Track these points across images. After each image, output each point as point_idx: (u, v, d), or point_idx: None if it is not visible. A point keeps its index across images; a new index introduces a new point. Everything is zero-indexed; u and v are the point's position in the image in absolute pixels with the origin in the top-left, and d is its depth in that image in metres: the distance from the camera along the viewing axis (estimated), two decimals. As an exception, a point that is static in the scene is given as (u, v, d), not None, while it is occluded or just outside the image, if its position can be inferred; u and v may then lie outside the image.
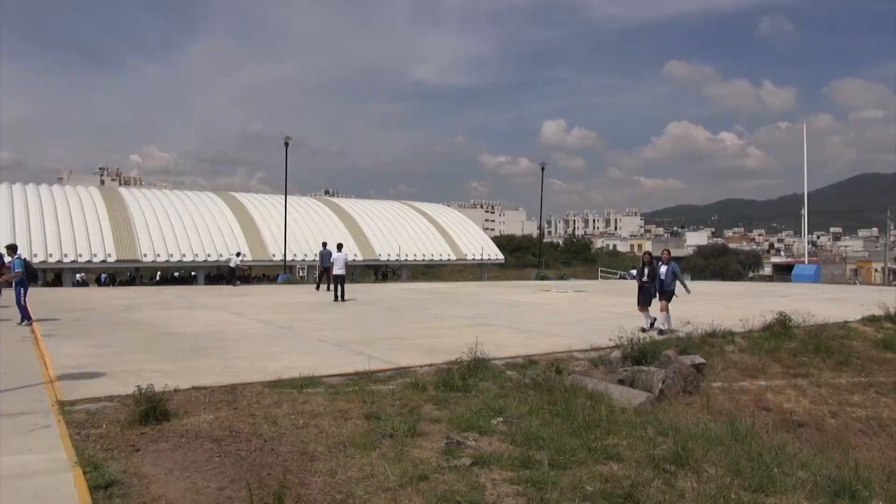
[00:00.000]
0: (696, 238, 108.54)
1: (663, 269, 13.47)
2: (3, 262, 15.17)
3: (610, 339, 11.29)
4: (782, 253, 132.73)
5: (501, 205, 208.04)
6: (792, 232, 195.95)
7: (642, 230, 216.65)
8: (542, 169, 47.42)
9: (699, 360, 10.52)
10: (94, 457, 5.36)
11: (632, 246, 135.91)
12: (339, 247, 22.17)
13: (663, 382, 8.93)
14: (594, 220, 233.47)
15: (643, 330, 13.00)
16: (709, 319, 13.72)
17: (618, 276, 51.35)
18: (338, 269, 21.01)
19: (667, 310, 13.28)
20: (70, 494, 4.61)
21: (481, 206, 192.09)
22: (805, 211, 51.78)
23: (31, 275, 14.94)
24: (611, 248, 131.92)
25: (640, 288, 13.86)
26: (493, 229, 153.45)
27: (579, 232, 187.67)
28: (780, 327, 13.34)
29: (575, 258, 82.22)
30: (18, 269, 13.77)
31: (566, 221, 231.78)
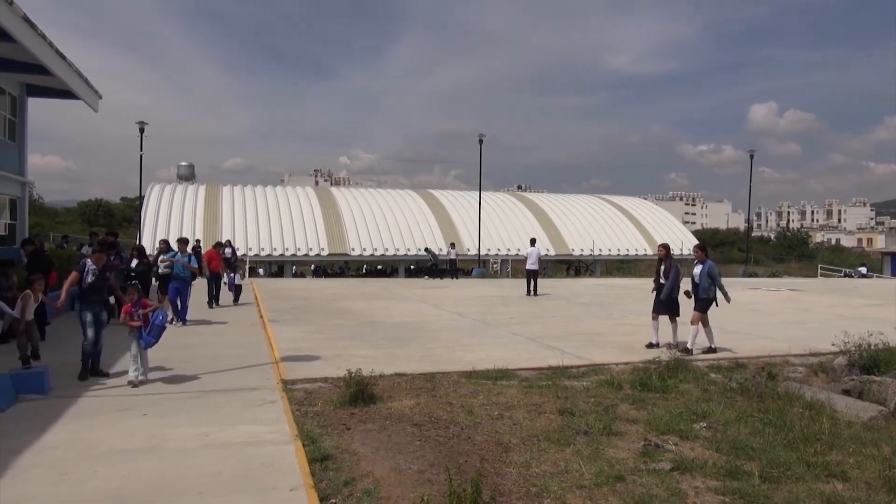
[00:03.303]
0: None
1: (697, 269, 10.40)
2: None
3: (833, 344, 10.14)
4: None
5: (703, 196, 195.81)
6: None
7: (872, 222, 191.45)
8: (751, 157, 43.72)
9: (948, 371, 9.05)
10: (312, 432, 5.91)
11: (859, 240, 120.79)
12: (533, 242, 22.25)
13: (900, 395, 7.81)
14: (813, 212, 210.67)
15: (650, 345, 10.56)
16: (961, 325, 11.78)
17: (842, 274, 45.91)
18: (531, 265, 21.11)
19: (699, 322, 10.29)
20: (292, 464, 5.12)
21: (681, 199, 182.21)
22: None
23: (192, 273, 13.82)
24: (833, 242, 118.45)
25: (657, 290, 10.89)
26: (693, 223, 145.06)
27: (794, 225, 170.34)
28: None
29: (789, 254, 74.81)
30: (195, 265, 13.47)
31: (779, 213, 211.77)
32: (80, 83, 20.05)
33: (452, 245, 35.37)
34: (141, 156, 33.43)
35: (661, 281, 10.64)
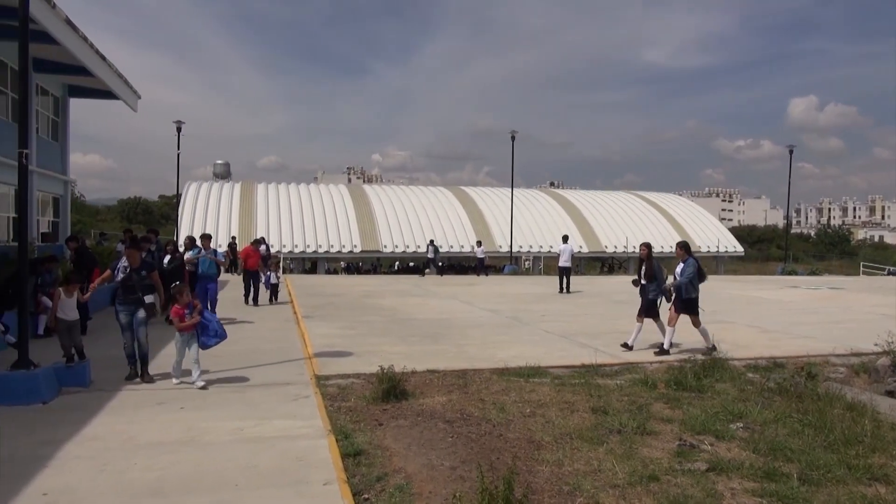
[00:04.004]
0: None
1: (679, 268, 9.94)
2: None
3: (876, 345, 9.86)
4: None
5: (740, 193, 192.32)
6: None
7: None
8: (790, 152, 42.70)
9: None
10: (345, 427, 5.96)
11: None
12: (565, 239, 22.10)
13: (947, 397, 7.58)
14: (855, 208, 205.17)
15: (659, 350, 9.89)
16: None
17: (886, 273, 44.63)
18: (564, 262, 20.98)
19: (700, 323, 9.90)
20: (325, 459, 5.17)
21: (717, 195, 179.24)
22: None
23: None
24: (876, 239, 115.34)
25: (641, 292, 10.37)
26: (730, 219, 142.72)
27: (835, 221, 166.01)
28: None
29: (830, 251, 72.95)
30: (222, 259, 13.30)
31: (819, 210, 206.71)
32: (119, 83, 20.52)
33: (479, 243, 34.94)
34: (178, 154, 33.98)
35: (642, 281, 10.18)
